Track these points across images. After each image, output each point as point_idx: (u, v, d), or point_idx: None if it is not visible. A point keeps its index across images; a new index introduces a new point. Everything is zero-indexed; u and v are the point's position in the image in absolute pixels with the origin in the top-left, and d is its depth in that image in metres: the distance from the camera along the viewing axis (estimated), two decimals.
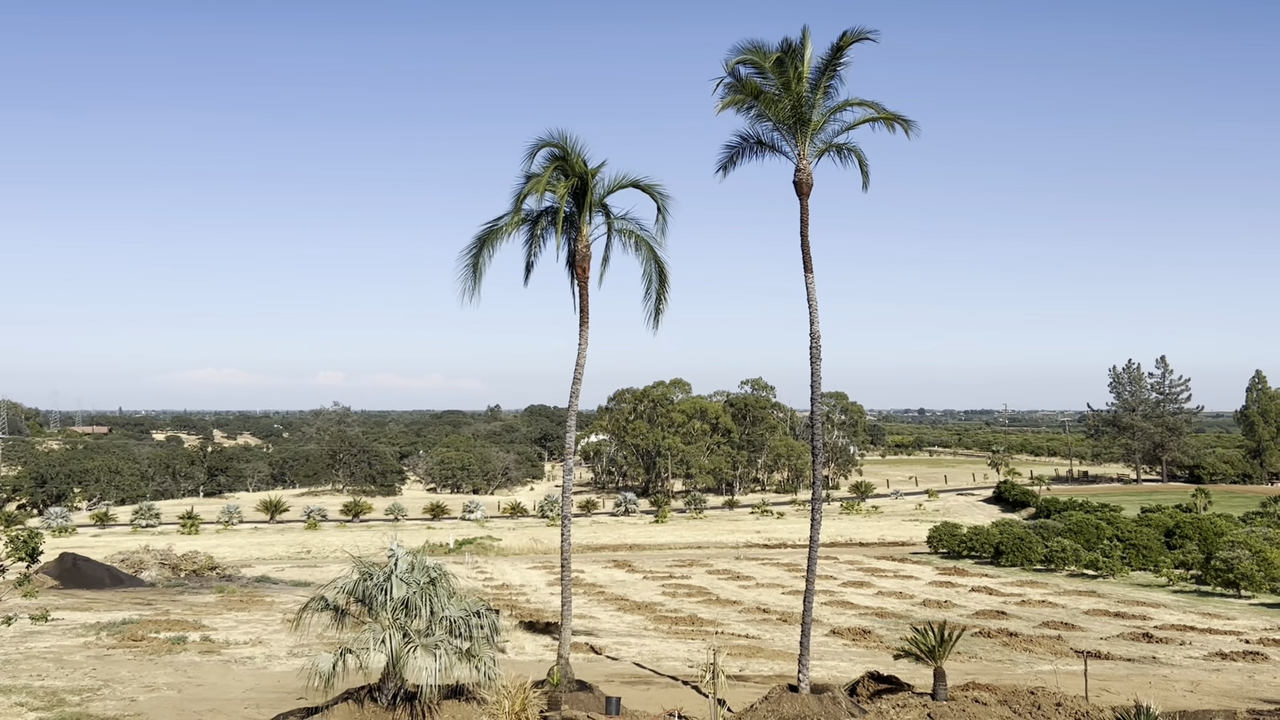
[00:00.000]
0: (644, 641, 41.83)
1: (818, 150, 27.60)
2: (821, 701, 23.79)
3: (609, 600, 57.86)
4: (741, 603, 56.65)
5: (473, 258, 30.99)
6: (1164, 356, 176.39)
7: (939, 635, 25.89)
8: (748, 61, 26.62)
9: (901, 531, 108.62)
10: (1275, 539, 71.65)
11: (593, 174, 30.72)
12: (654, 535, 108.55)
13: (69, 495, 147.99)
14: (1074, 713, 23.68)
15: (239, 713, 26.05)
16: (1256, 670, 36.10)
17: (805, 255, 27.08)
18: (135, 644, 36.50)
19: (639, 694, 28.91)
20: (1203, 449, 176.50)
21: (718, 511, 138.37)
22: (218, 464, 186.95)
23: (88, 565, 60.63)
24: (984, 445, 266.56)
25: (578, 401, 31.99)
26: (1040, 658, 38.67)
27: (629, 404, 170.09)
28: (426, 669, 20.04)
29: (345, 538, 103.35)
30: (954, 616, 49.67)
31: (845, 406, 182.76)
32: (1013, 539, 79.59)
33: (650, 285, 31.85)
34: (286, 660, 34.25)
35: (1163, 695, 29.06)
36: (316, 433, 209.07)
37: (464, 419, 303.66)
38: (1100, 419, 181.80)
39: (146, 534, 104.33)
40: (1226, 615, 52.35)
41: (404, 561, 21.54)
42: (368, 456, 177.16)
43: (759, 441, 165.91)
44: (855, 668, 34.27)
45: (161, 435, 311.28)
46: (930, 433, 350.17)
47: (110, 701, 26.93)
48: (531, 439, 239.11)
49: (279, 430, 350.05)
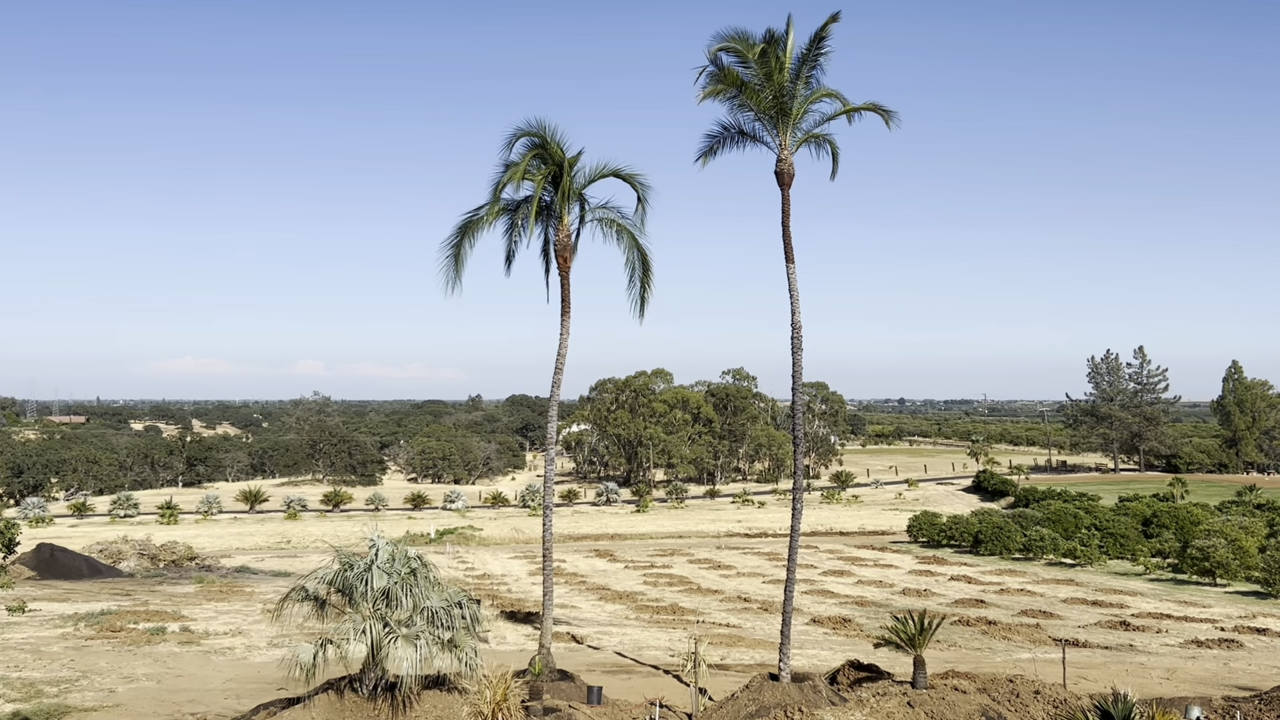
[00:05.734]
0: (625, 631, 41.89)
1: (799, 140, 27.49)
2: (802, 690, 23.87)
3: (590, 590, 57.91)
4: (723, 592, 56.81)
5: (454, 248, 30.85)
6: (1142, 347, 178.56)
7: (919, 624, 26.03)
8: (730, 50, 26.41)
9: (881, 520, 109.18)
10: (1250, 528, 72.55)
11: (571, 162, 30.55)
12: (635, 525, 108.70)
13: (46, 485, 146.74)
14: (1052, 700, 23.86)
15: (219, 703, 25.92)
16: (1232, 657, 36.50)
17: (786, 246, 27.03)
18: (114, 635, 36.25)
19: (621, 683, 28.95)
20: (1180, 439, 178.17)
21: (699, 501, 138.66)
22: (197, 454, 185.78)
23: (65, 556, 60.23)
24: (963, 435, 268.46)
25: (559, 391, 31.93)
26: (1019, 646, 38.98)
27: (611, 394, 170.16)
28: (407, 659, 19.98)
29: (326, 528, 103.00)
30: (934, 605, 50.00)
31: (826, 396, 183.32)
32: (992, 528, 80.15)
33: (634, 274, 31.77)
34: (267, 651, 34.10)
35: (1140, 683, 29.34)
36: (296, 422, 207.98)
37: (445, 409, 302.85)
38: (1078, 409, 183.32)
39: (125, 524, 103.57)
40: (1202, 603, 52.92)
41: (385, 552, 21.44)
42: (348, 446, 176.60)
43: (740, 431, 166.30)
44: (836, 656, 34.44)
45: (140, 425, 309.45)
46: (910, 422, 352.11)
47: (89, 693, 26.75)
48: (513, 429, 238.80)
49: (259, 420, 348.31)
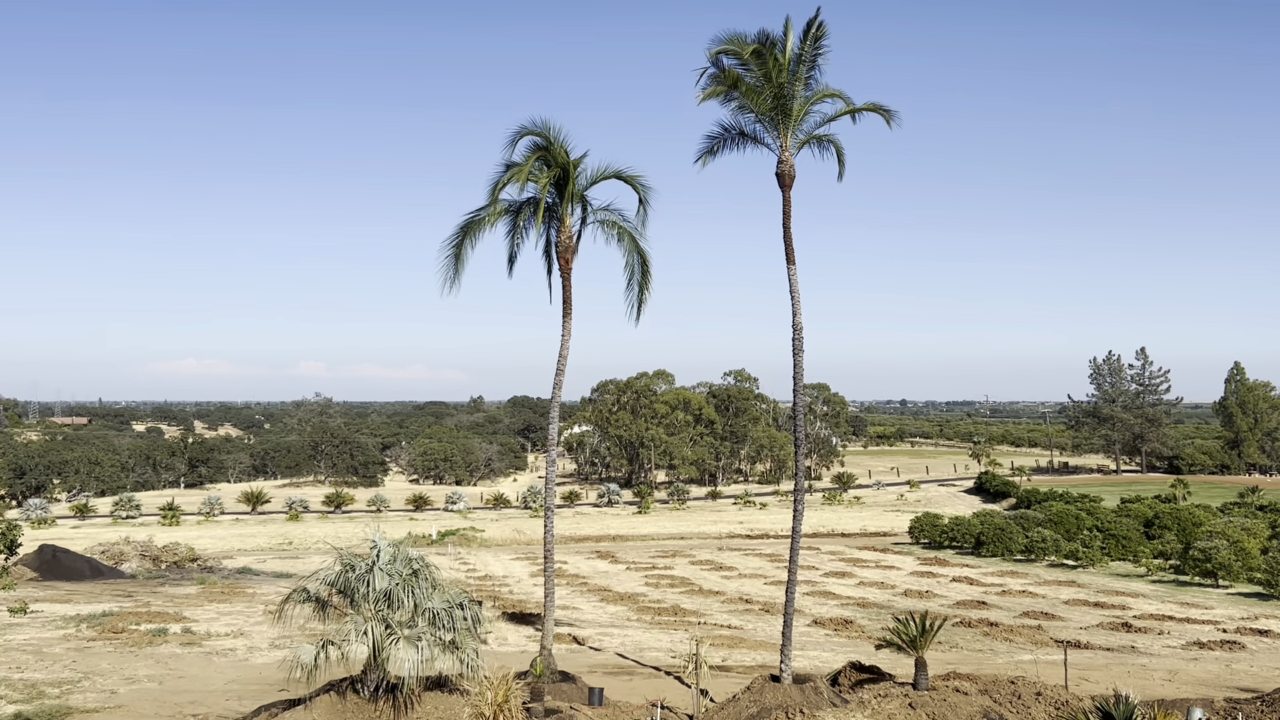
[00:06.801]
0: (627, 632, 41.87)
1: (799, 142, 27.47)
2: (804, 691, 23.86)
3: (592, 591, 57.89)
4: (724, 593, 56.79)
5: (455, 248, 30.82)
6: (1144, 348, 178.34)
7: (920, 625, 26.01)
8: (730, 52, 26.38)
9: (883, 522, 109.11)
10: (1252, 529, 72.50)
11: (575, 164, 30.53)
12: (637, 526, 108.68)
13: (48, 487, 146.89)
14: (1054, 702, 23.85)
15: (220, 704, 25.94)
16: (1234, 659, 36.46)
17: (788, 247, 27.02)
18: (116, 636, 36.27)
19: (622, 684, 28.95)
20: (1182, 440, 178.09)
21: (701, 502, 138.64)
22: (199, 455, 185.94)
23: (67, 557, 60.24)
24: (965, 436, 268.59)
25: (561, 393, 31.93)
26: (1021, 647, 38.94)
27: (612, 395, 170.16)
28: (409, 660, 19.98)
29: (327, 529, 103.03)
30: (935, 606, 49.96)
31: (828, 398, 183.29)
32: (993, 529, 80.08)
33: (633, 277, 31.73)
34: (268, 652, 34.11)
35: (1141, 684, 29.32)
36: (298, 424, 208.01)
37: (446, 410, 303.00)
38: (1080, 410, 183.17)
39: (127, 525, 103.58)
40: (1204, 605, 52.87)
41: (386, 553, 21.44)
42: (350, 447, 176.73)
43: (742, 432, 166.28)
44: (837, 658, 34.42)
45: (142, 426, 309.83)
46: (912, 424, 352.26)
47: (90, 694, 26.77)
48: (514, 430, 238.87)
49: (260, 421, 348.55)
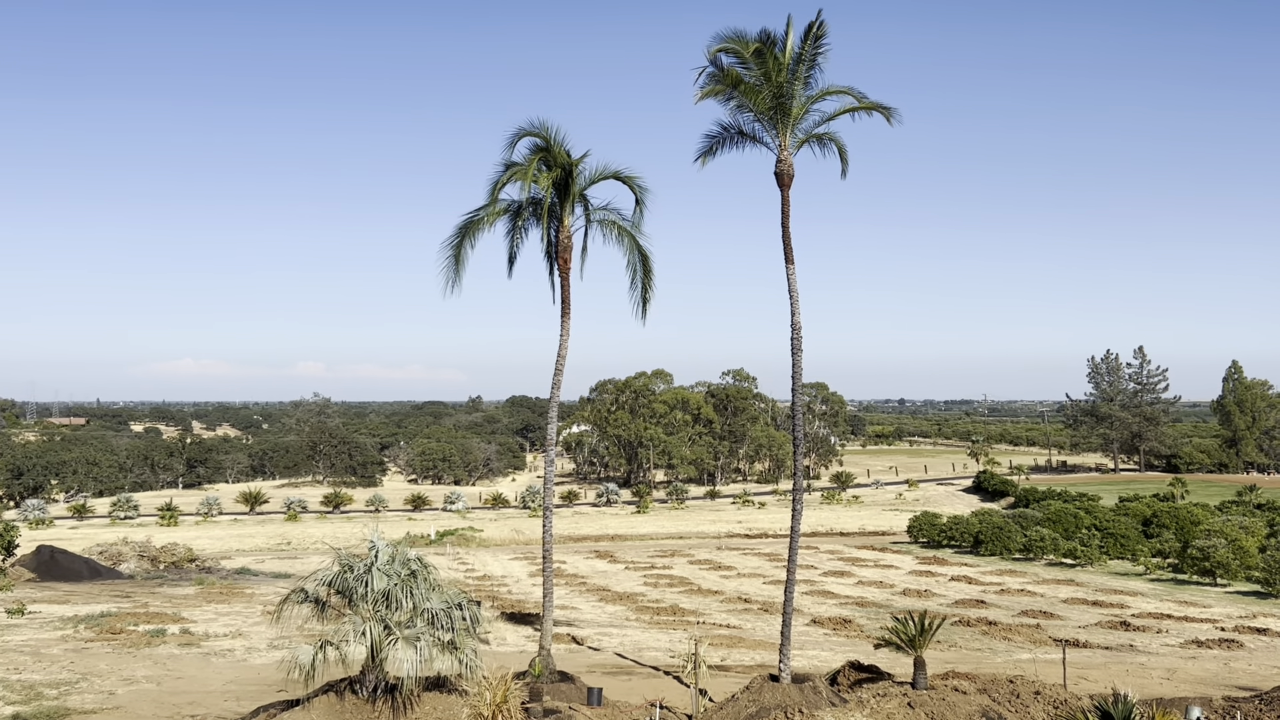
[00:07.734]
0: (626, 632, 41.87)
1: (798, 141, 27.46)
2: (803, 691, 23.85)
3: (591, 591, 57.88)
4: (723, 593, 56.79)
5: (454, 248, 30.80)
6: (1141, 347, 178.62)
7: (919, 624, 26.00)
8: (729, 50, 26.36)
9: (882, 521, 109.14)
10: (1250, 528, 72.57)
11: (576, 164, 30.57)
12: (636, 526, 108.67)
13: (46, 487, 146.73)
14: (1052, 701, 23.86)
15: (219, 705, 25.91)
16: (1232, 658, 36.49)
17: (786, 246, 27.01)
18: (114, 637, 36.24)
19: (621, 684, 28.94)
20: (1179, 439, 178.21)
21: (699, 502, 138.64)
22: (197, 455, 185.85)
23: (65, 558, 60.18)
24: (964, 435, 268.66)
25: (559, 392, 31.92)
26: (1019, 646, 38.95)
27: (611, 395, 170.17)
28: (407, 661, 19.96)
29: (326, 529, 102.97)
30: (934, 606, 49.98)
31: (826, 397, 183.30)
32: (992, 528, 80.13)
33: (635, 276, 31.80)
34: (267, 653, 34.08)
35: (1140, 683, 29.34)
36: (296, 424, 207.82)
37: (445, 410, 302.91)
38: (1078, 409, 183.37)
39: (125, 526, 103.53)
40: (1203, 603, 52.89)
41: (385, 553, 21.42)
42: (348, 448, 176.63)
43: (740, 432, 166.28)
44: (836, 657, 34.42)
45: (140, 426, 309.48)
46: (910, 423, 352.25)
47: (88, 695, 26.74)
48: (513, 430, 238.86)
49: (259, 421, 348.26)
